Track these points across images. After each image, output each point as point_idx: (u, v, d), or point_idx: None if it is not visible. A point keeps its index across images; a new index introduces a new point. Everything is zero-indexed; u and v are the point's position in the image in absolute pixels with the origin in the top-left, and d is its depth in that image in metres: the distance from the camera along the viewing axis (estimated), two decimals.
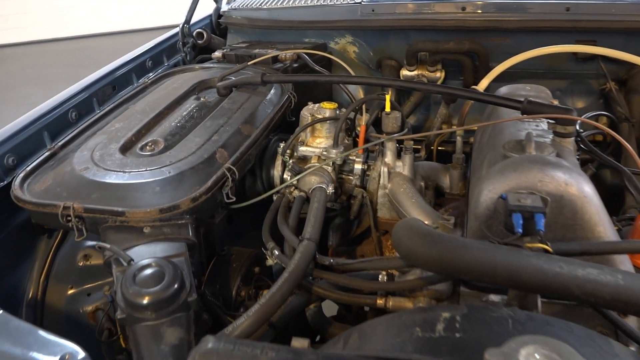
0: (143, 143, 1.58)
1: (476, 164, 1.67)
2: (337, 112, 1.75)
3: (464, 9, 2.20)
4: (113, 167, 1.46)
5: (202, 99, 1.84)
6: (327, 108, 1.72)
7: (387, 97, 1.67)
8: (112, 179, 1.41)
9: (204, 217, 1.43)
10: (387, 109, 1.69)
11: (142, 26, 10.06)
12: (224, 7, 2.73)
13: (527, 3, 2.17)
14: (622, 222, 1.51)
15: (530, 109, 1.46)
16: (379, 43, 2.39)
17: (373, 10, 2.31)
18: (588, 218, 1.17)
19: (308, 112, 1.74)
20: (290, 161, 1.72)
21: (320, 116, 1.72)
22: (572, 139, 1.45)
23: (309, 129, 1.73)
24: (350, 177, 1.76)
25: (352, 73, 2.08)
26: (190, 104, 1.80)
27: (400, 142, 1.74)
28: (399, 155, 1.75)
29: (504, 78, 2.09)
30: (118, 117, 1.75)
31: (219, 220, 1.61)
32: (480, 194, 1.25)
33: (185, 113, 1.73)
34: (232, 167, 1.46)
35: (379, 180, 1.73)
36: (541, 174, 1.19)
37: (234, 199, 1.47)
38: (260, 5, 2.60)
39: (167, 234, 1.31)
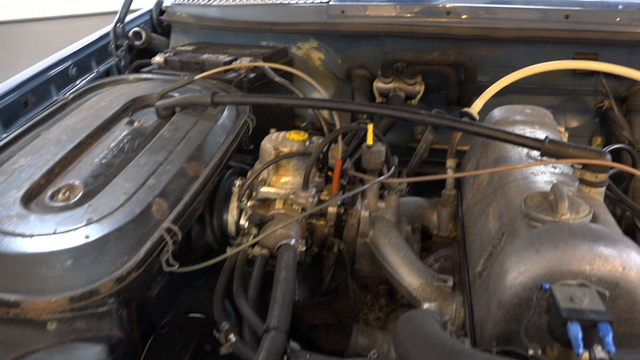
0: (55, 189, 1.20)
1: (475, 207, 1.37)
2: (308, 143, 1.42)
3: (448, 13, 1.90)
4: (9, 227, 1.08)
5: (136, 123, 1.47)
6: (294, 140, 1.38)
7: (370, 128, 1.34)
8: (6, 246, 1.04)
9: (134, 297, 1.07)
10: (369, 141, 1.36)
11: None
12: (167, 1, 2.34)
13: (521, 9, 1.89)
14: None
15: (553, 150, 1.17)
16: (348, 50, 2.06)
17: (343, 12, 1.97)
18: None
19: (271, 144, 1.39)
20: (248, 204, 1.38)
21: (286, 150, 1.37)
22: (604, 188, 1.17)
23: (271, 166, 1.38)
24: (323, 223, 1.43)
25: (320, 90, 1.74)
26: (120, 131, 1.42)
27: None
28: (381, 194, 1.44)
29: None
30: (24, 149, 1.35)
31: (159, 289, 1.25)
32: (505, 275, 0.95)
33: (113, 144, 1.36)
34: (172, 227, 1.11)
35: (358, 227, 1.41)
36: (591, 253, 0.89)
37: (176, 265, 1.12)
38: (210, 1, 2.22)
39: (80, 330, 0.95)
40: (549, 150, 1.17)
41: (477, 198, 1.38)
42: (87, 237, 1.05)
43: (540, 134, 1.43)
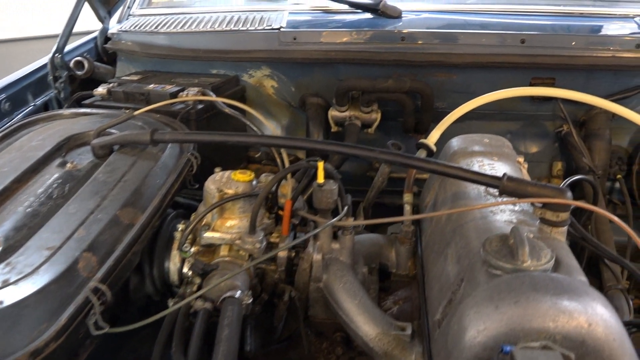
0: None
1: (434, 246, 1.29)
2: (255, 182, 1.32)
3: (403, 39, 1.84)
4: None
5: (68, 164, 1.35)
6: (239, 181, 1.28)
7: (320, 166, 1.26)
8: None
9: None
10: (320, 179, 1.28)
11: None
12: (113, 29, 2.23)
13: (477, 33, 1.84)
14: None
15: (511, 189, 1.10)
16: (302, 77, 1.98)
17: (295, 39, 1.90)
18: None
19: (214, 185, 1.29)
20: (192, 250, 1.27)
21: (230, 191, 1.28)
22: (566, 227, 1.10)
23: (215, 209, 1.28)
24: (273, 268, 1.33)
25: (269, 127, 1.65)
26: (51, 175, 1.31)
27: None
28: (335, 234, 1.36)
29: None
30: None
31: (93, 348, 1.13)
32: (464, 333, 0.87)
33: (41, 190, 1.24)
34: (100, 286, 1.00)
35: (311, 271, 1.32)
36: (554, 309, 0.82)
37: (107, 327, 1.01)
38: (157, 28, 2.12)
39: None
40: (507, 189, 1.10)
41: (436, 236, 1.31)
42: (1, 302, 0.94)
43: (499, 166, 1.37)
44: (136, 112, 1.50)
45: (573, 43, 1.80)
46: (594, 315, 0.82)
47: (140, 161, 1.36)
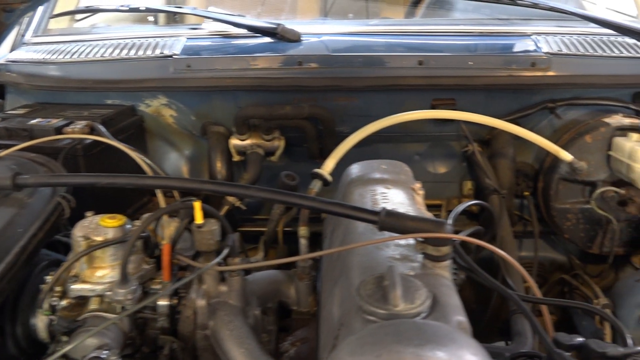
0: None
1: (327, 284, 1.23)
2: (128, 227, 1.23)
3: (300, 63, 1.79)
4: None
5: None
6: (108, 226, 1.18)
7: (197, 206, 1.18)
8: None
9: None
10: (198, 220, 1.19)
11: None
12: (1, 59, 2.09)
13: (375, 56, 1.81)
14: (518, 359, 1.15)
15: (390, 224, 1.05)
16: (201, 105, 1.90)
17: (189, 66, 1.81)
18: None
19: (81, 232, 1.19)
20: (63, 303, 1.16)
21: (99, 239, 1.18)
22: (449, 261, 1.06)
23: (84, 258, 1.18)
24: (155, 317, 1.24)
25: (144, 167, 1.55)
26: None
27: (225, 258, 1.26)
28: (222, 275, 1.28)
29: (356, 143, 1.69)
30: None
31: None
32: None
33: None
34: None
35: (195, 319, 1.23)
36: None
37: None
38: (48, 57, 1.99)
39: None
40: (386, 224, 1.05)
41: (328, 273, 1.25)
42: None
43: (393, 195, 1.33)
44: (2, 153, 1.38)
45: (470, 63, 1.79)
46: None
47: (2, 208, 1.24)
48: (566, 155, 1.65)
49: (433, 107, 1.82)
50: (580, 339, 0.94)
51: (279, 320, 1.44)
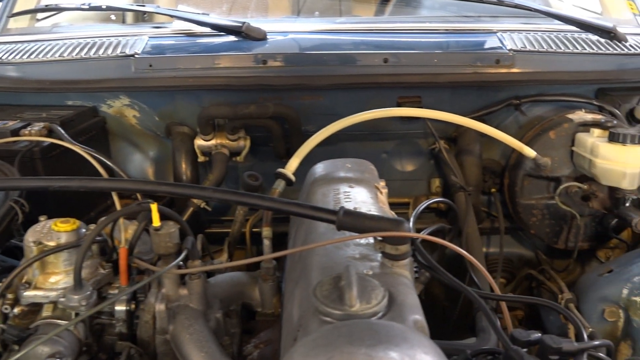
0: None
1: (289, 284, 1.22)
2: (83, 231, 1.20)
3: (264, 62, 1.76)
4: None
5: None
6: (61, 230, 1.15)
7: (154, 208, 1.15)
8: None
9: None
10: (155, 223, 1.17)
11: None
12: None
13: (340, 54, 1.80)
14: (479, 356, 1.14)
15: (348, 223, 1.03)
16: (164, 106, 1.86)
17: (151, 65, 1.78)
18: None
19: (33, 237, 1.15)
20: (15, 311, 1.13)
21: (52, 244, 1.14)
22: (408, 259, 1.05)
23: (36, 264, 1.14)
24: (113, 322, 1.21)
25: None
26: None
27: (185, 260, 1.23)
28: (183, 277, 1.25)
29: (321, 142, 1.68)
30: None
31: None
32: None
33: None
34: None
35: (154, 323, 1.20)
36: None
37: None
38: (5, 57, 1.93)
39: None
40: (344, 224, 1.03)
41: (291, 273, 1.23)
42: None
43: (356, 194, 1.32)
44: None
45: (435, 60, 1.78)
46: None
47: None
48: (530, 152, 1.65)
49: (399, 105, 1.81)
50: (537, 335, 0.94)
51: (244, 322, 1.41)
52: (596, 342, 0.96)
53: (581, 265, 1.92)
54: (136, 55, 1.79)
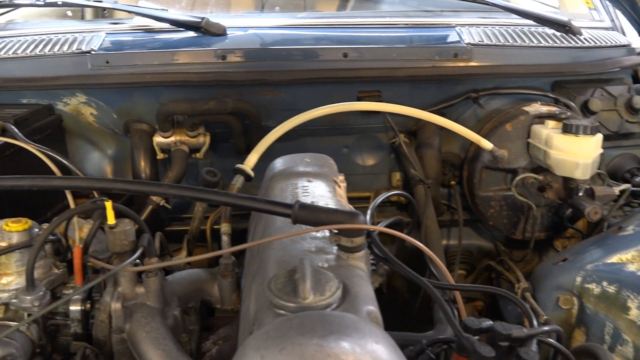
0: None
1: (247, 279, 1.22)
2: (36, 230, 1.17)
3: (224, 57, 1.75)
4: None
5: None
6: (12, 230, 1.13)
7: (108, 205, 1.14)
8: None
9: None
10: (110, 221, 1.15)
11: None
12: None
13: (300, 49, 1.80)
14: (434, 345, 1.16)
15: (304, 217, 1.04)
16: (122, 103, 1.84)
17: (107, 62, 1.75)
18: None
19: None
20: None
21: (3, 244, 1.12)
22: (363, 251, 1.06)
23: None
24: (68, 322, 1.19)
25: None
26: None
27: (142, 258, 1.22)
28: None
29: (282, 138, 1.68)
30: None
31: None
32: None
33: None
34: None
35: (110, 322, 1.19)
36: (320, 353, 0.75)
37: None
38: None
39: None
40: (300, 217, 1.04)
41: (249, 268, 1.23)
42: None
43: (314, 188, 1.32)
44: None
45: (394, 55, 1.80)
46: (363, 354, 0.76)
47: None
48: (487, 144, 1.68)
49: (359, 99, 1.82)
50: (489, 323, 0.96)
51: (203, 319, 1.41)
52: (545, 328, 0.98)
53: (539, 255, 1.96)
54: (92, 52, 1.76)
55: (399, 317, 1.96)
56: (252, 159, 1.51)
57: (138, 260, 1.19)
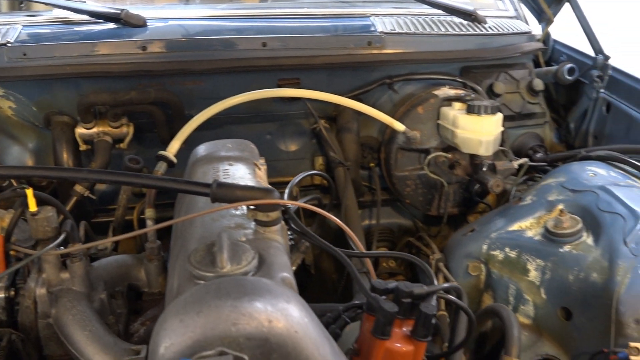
0: None
1: (171, 261, 1.26)
2: None
3: (144, 48, 1.78)
4: None
5: None
6: None
7: (29, 193, 1.16)
8: None
9: None
10: (32, 208, 1.17)
11: None
12: None
13: (220, 39, 1.84)
14: (349, 311, 1.25)
15: (222, 195, 1.10)
16: (41, 95, 1.82)
17: (25, 54, 1.74)
18: (305, 358, 0.84)
19: None
20: None
21: None
22: (279, 225, 1.13)
23: None
24: None
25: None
26: None
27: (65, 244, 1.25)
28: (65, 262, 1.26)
29: (207, 126, 1.73)
30: None
31: None
32: (156, 351, 0.84)
33: None
34: None
35: (36, 308, 1.21)
36: (235, 313, 0.82)
37: None
38: None
39: None
40: (218, 195, 1.10)
41: (174, 249, 1.28)
42: None
43: (234, 170, 1.38)
44: None
45: (312, 44, 1.88)
46: (275, 312, 0.84)
47: None
48: (399, 126, 1.79)
49: (279, 87, 1.89)
50: (394, 284, 1.05)
51: (132, 303, 1.44)
52: (444, 285, 1.09)
53: (454, 230, 2.09)
54: (8, 44, 1.75)
55: (328, 295, 2.06)
56: (174, 145, 1.55)
57: (62, 248, 1.22)
